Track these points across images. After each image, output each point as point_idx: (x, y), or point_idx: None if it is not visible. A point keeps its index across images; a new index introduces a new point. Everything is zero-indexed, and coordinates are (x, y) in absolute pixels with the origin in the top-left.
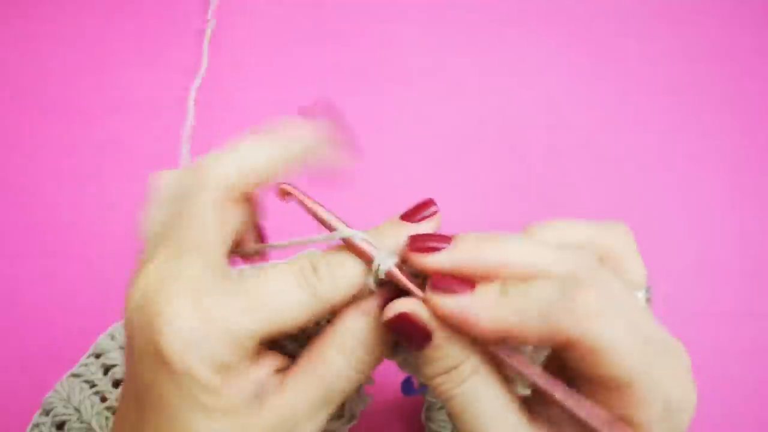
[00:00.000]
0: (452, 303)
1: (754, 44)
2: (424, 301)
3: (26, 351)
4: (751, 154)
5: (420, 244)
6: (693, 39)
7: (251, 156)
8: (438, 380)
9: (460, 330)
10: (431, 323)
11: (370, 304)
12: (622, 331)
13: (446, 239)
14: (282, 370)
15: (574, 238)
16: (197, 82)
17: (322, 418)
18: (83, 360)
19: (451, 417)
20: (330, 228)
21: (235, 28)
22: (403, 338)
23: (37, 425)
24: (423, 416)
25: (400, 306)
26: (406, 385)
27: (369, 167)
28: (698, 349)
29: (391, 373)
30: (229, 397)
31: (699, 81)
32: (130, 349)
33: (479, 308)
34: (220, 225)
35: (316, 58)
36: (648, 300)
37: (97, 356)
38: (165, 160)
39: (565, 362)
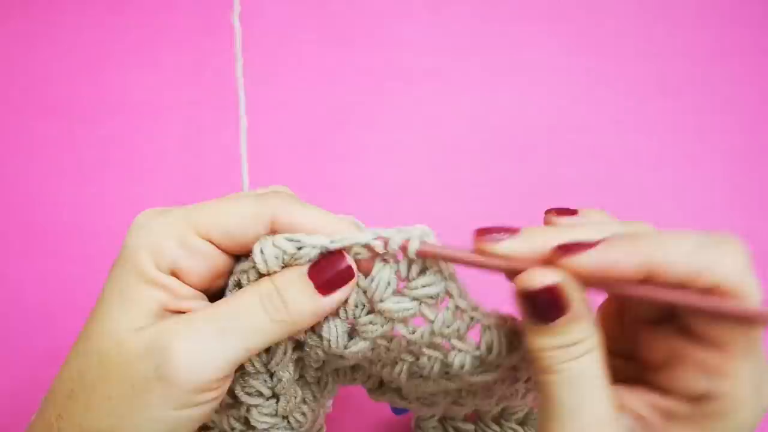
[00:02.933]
0: (590, 257)
1: (753, 44)
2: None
3: (25, 351)
4: (751, 154)
5: (491, 231)
6: (693, 39)
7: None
8: (552, 352)
9: (599, 283)
10: (573, 295)
11: (302, 270)
12: (757, 289)
13: (514, 230)
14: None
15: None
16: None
17: (219, 354)
18: None
19: (544, 388)
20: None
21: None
22: (533, 310)
23: None
24: (412, 424)
25: (548, 277)
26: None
27: (371, 166)
28: None
29: None
30: (144, 293)
31: (699, 81)
32: None
33: (619, 251)
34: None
35: (318, 58)
36: None
37: None
38: (164, 160)
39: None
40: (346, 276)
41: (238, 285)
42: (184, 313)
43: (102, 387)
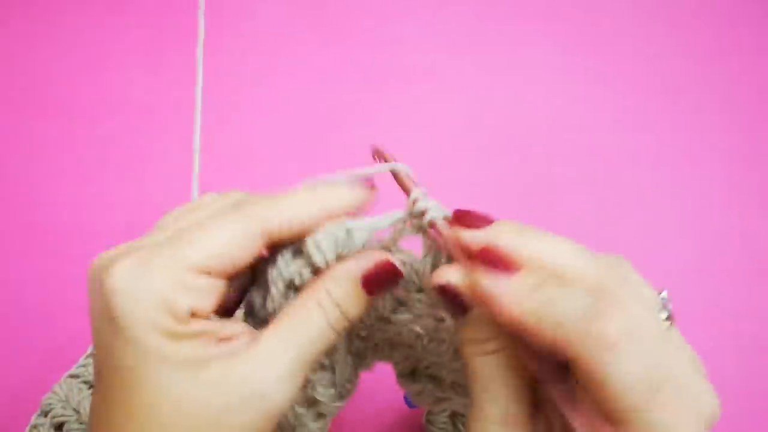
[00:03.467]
0: (489, 283)
1: (753, 44)
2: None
3: (25, 351)
4: (750, 153)
5: (462, 218)
6: (692, 39)
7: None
8: (468, 344)
9: (487, 307)
10: (470, 300)
11: (356, 266)
12: (633, 368)
13: (487, 220)
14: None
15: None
16: (199, 82)
17: (296, 381)
18: (82, 361)
19: (466, 372)
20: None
21: (236, 29)
22: (445, 302)
23: (35, 426)
24: (424, 419)
25: (448, 276)
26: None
27: (369, 164)
28: (698, 349)
29: (397, 388)
30: (184, 346)
31: (698, 81)
32: (91, 319)
33: (510, 297)
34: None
35: (318, 57)
36: (670, 317)
37: None
38: (164, 160)
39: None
40: (394, 283)
41: (292, 287)
42: (230, 338)
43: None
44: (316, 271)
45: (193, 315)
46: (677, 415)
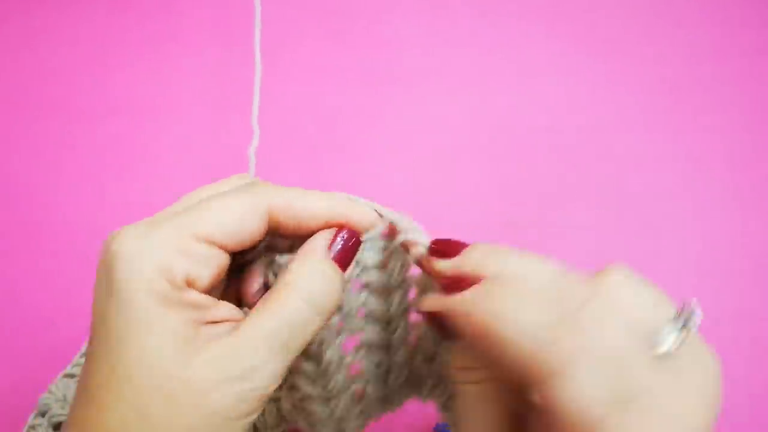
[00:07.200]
0: (449, 299)
1: (754, 44)
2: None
3: (25, 351)
4: (751, 154)
5: (439, 249)
6: (694, 39)
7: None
8: (455, 370)
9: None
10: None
11: (318, 241)
12: (586, 388)
13: (462, 247)
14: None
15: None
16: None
17: (279, 364)
18: (76, 360)
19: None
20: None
21: (237, 28)
22: (434, 330)
23: (33, 427)
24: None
25: (430, 303)
26: (439, 427)
27: (369, 166)
28: None
29: (426, 416)
30: (172, 318)
31: (699, 81)
32: (94, 286)
33: (463, 304)
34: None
35: (318, 57)
36: (684, 327)
37: None
38: (164, 160)
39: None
40: (355, 251)
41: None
42: (217, 321)
43: (177, 421)
44: None
45: (189, 284)
46: (644, 426)
